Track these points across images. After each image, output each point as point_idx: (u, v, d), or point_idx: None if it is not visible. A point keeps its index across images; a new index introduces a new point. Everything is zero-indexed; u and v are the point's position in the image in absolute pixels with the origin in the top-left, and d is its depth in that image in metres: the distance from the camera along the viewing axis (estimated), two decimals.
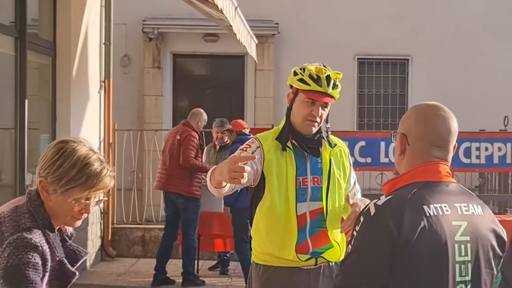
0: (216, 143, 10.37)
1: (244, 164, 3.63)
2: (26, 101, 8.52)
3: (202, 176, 9.68)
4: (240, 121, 9.91)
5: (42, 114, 9.67)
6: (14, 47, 8.51)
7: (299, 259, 4.11)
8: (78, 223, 2.83)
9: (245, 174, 3.59)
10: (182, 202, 9.61)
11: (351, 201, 4.06)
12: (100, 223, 11.23)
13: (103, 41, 11.14)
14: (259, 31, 13.70)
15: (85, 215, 2.80)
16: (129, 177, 12.15)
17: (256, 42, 11.65)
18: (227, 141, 10.12)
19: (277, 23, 14.78)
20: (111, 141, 11.54)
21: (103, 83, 11.12)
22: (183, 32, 14.72)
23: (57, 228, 2.80)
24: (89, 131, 10.36)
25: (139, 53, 14.78)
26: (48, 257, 2.64)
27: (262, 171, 4.13)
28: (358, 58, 15.13)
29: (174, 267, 10.29)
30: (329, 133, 4.34)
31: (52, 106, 9.62)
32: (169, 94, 15.07)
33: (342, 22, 14.87)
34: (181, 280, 9.75)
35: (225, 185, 3.92)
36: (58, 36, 9.64)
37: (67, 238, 2.87)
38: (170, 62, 15.10)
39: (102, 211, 11.25)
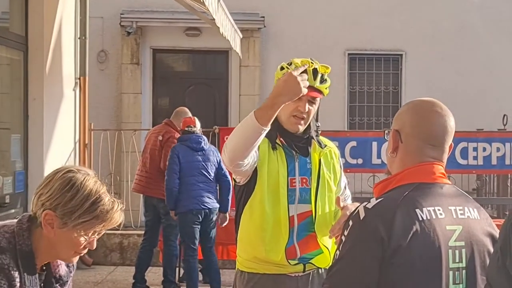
0: None
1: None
2: None
3: None
4: (188, 118, 9.59)
5: (13, 113, 9.62)
6: None
7: (289, 263, 4.09)
8: (76, 259, 2.82)
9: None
10: (163, 206, 9.57)
11: (341, 204, 4.05)
12: None
13: (78, 36, 11.09)
14: (244, 24, 13.71)
15: (86, 251, 2.79)
16: (106, 180, 12.00)
17: (241, 36, 11.65)
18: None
19: (263, 16, 14.79)
20: (86, 141, 11.49)
21: (78, 80, 11.07)
22: (163, 26, 14.70)
23: (45, 262, 2.79)
24: (63, 131, 10.33)
25: (117, 48, 14.74)
26: (17, 283, 2.61)
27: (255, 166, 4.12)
28: (349, 54, 15.15)
29: (154, 275, 10.28)
30: (319, 132, 4.34)
31: (24, 104, 9.58)
32: (149, 91, 15.04)
33: (332, 15, 14.90)
34: None
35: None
36: (30, 30, 9.59)
37: (53, 281, 2.83)
38: (150, 58, 15.07)
39: None
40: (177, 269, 10.03)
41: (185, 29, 14.72)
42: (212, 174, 9.18)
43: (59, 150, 10.05)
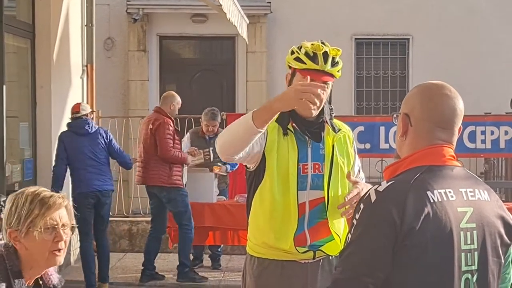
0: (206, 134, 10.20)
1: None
2: (4, 87, 8.49)
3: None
4: (75, 105, 9.57)
5: (21, 101, 9.64)
6: None
7: (297, 251, 4.07)
8: (60, 259, 2.97)
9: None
10: (165, 195, 9.51)
11: (352, 179, 4.05)
12: None
13: (85, 23, 11.10)
14: (251, 10, 13.70)
15: (62, 245, 2.95)
16: (114, 167, 12.11)
17: (248, 22, 11.63)
18: (217, 132, 10.02)
19: (269, 2, 14.76)
20: None
21: (85, 68, 11.09)
22: (169, 13, 14.69)
23: (37, 276, 2.94)
24: None
25: (123, 36, 14.74)
26: None
27: (264, 152, 4.07)
28: (356, 38, 15.12)
29: (163, 262, 10.30)
30: (333, 115, 4.30)
31: (32, 92, 9.60)
32: (156, 78, 15.04)
33: (338, 0, 14.85)
34: (170, 275, 9.76)
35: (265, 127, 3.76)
36: (37, 17, 9.60)
37: None
38: (156, 45, 15.07)
39: None
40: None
41: (191, 15, 14.70)
42: (102, 157, 9.20)
43: None
